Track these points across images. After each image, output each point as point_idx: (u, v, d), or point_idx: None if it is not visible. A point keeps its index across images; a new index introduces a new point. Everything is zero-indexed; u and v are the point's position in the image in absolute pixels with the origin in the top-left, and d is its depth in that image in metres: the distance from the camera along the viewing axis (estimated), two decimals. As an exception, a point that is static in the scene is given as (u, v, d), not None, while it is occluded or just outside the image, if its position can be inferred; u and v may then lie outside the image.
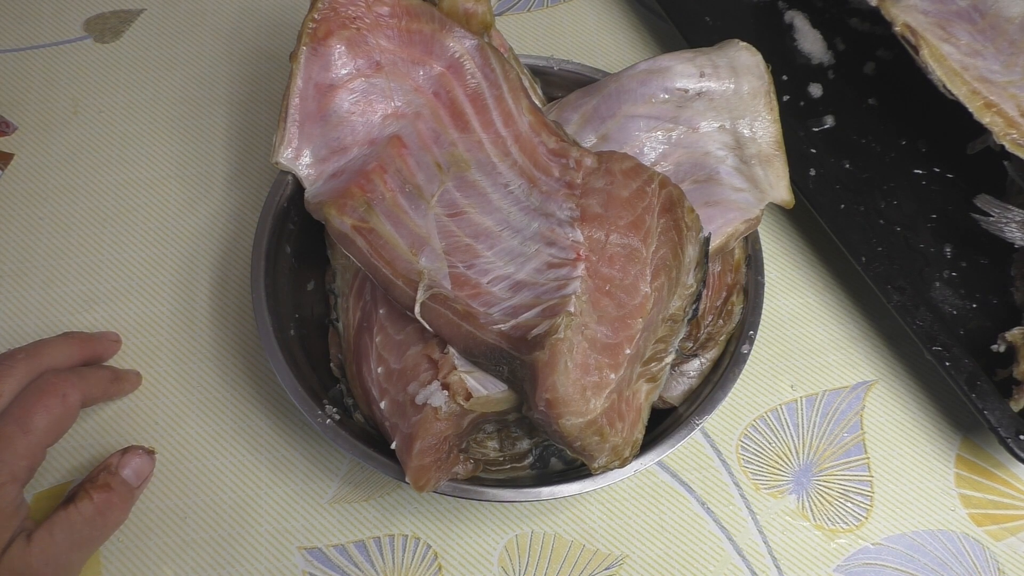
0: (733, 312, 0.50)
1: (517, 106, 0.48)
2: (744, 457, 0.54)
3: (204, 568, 0.50)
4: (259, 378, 0.55)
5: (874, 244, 0.55)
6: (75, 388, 0.46)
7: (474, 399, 0.42)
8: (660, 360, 0.45)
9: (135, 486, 0.48)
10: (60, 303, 0.57)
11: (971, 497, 0.53)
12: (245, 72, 0.65)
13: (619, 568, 0.51)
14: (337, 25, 0.48)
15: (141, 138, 0.63)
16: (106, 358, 0.54)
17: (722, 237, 0.48)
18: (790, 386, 0.56)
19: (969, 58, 0.56)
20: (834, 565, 0.51)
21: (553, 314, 0.40)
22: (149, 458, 0.49)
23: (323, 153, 0.48)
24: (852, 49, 0.66)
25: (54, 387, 0.45)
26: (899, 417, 0.55)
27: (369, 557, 0.50)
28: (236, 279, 0.58)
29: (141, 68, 0.65)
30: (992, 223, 0.55)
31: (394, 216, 0.45)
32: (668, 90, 0.50)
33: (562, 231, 0.44)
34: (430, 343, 0.43)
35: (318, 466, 0.52)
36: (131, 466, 0.48)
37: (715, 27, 0.64)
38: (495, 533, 0.51)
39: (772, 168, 0.50)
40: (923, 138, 0.62)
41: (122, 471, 0.47)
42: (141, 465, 0.48)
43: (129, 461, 0.48)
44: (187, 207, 0.60)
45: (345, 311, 0.49)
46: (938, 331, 0.52)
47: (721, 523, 0.52)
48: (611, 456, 0.42)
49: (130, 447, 0.49)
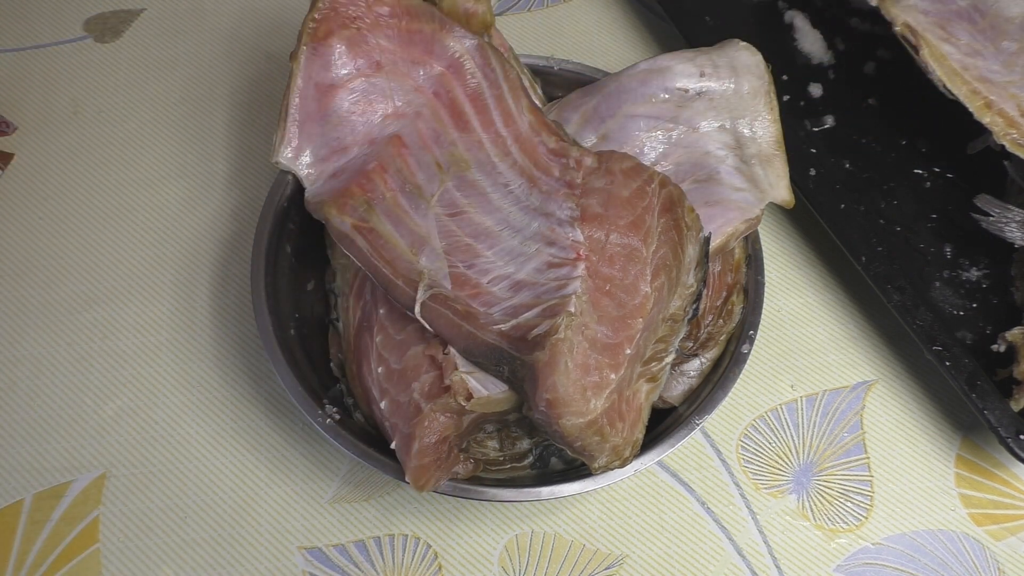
0: (733, 312, 0.50)
1: (517, 106, 0.48)
2: (744, 457, 0.54)
3: (204, 568, 0.50)
4: (259, 378, 0.55)
5: (874, 244, 0.55)
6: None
7: (475, 399, 0.42)
8: (660, 360, 0.45)
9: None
10: (60, 303, 0.57)
11: (971, 497, 0.53)
12: (245, 72, 0.65)
13: (619, 568, 0.51)
14: (337, 25, 0.48)
15: (141, 138, 0.63)
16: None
17: (722, 237, 0.48)
18: (790, 386, 0.56)
19: (969, 58, 0.56)
20: (834, 565, 0.51)
21: (553, 314, 0.40)
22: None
23: (323, 153, 0.48)
24: (852, 49, 0.66)
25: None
26: (899, 417, 0.55)
27: (369, 557, 0.50)
28: (236, 279, 0.58)
29: (141, 68, 0.65)
30: (992, 223, 0.55)
31: (394, 216, 0.45)
32: (668, 90, 0.50)
33: (562, 231, 0.44)
34: (432, 343, 0.43)
35: (318, 466, 0.52)
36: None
37: (715, 27, 0.64)
38: (495, 533, 0.51)
39: (772, 168, 0.50)
40: (923, 138, 0.62)
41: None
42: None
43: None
44: (187, 207, 0.60)
45: (345, 311, 0.49)
46: (938, 331, 0.52)
47: (721, 523, 0.52)
48: (611, 456, 0.42)
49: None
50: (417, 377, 0.43)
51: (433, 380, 0.43)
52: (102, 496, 0.51)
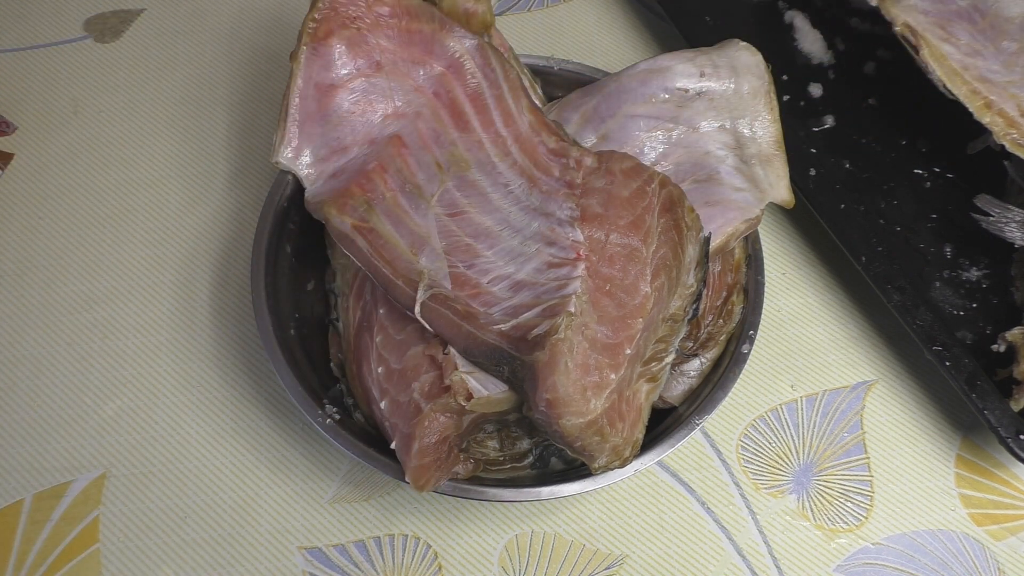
0: (733, 312, 0.50)
1: (517, 106, 0.48)
2: (744, 457, 0.54)
3: (204, 568, 0.50)
4: (259, 378, 0.55)
5: (874, 244, 0.55)
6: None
7: (475, 400, 0.42)
8: (660, 360, 0.45)
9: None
10: (60, 303, 0.57)
11: (971, 497, 0.53)
12: (245, 72, 0.65)
13: (619, 568, 0.51)
14: (337, 25, 0.48)
15: (141, 138, 0.63)
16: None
17: (722, 237, 0.48)
18: (790, 386, 0.56)
19: (969, 58, 0.56)
20: (834, 565, 0.51)
21: (553, 314, 0.40)
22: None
23: (323, 153, 0.48)
24: (852, 49, 0.66)
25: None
26: (899, 417, 0.55)
27: (369, 557, 0.50)
28: (236, 279, 0.58)
29: (141, 68, 0.65)
30: (992, 223, 0.55)
31: (394, 216, 0.45)
32: (668, 90, 0.50)
33: (562, 231, 0.44)
34: (432, 343, 0.43)
35: (318, 466, 0.52)
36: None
37: (715, 27, 0.64)
38: (495, 533, 0.51)
39: (772, 168, 0.50)
40: (923, 138, 0.62)
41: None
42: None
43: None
44: (187, 207, 0.60)
45: (345, 311, 0.49)
46: (938, 331, 0.52)
47: (721, 523, 0.52)
48: (611, 456, 0.42)
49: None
50: (417, 377, 0.43)
51: (433, 380, 0.43)
52: (102, 496, 0.51)
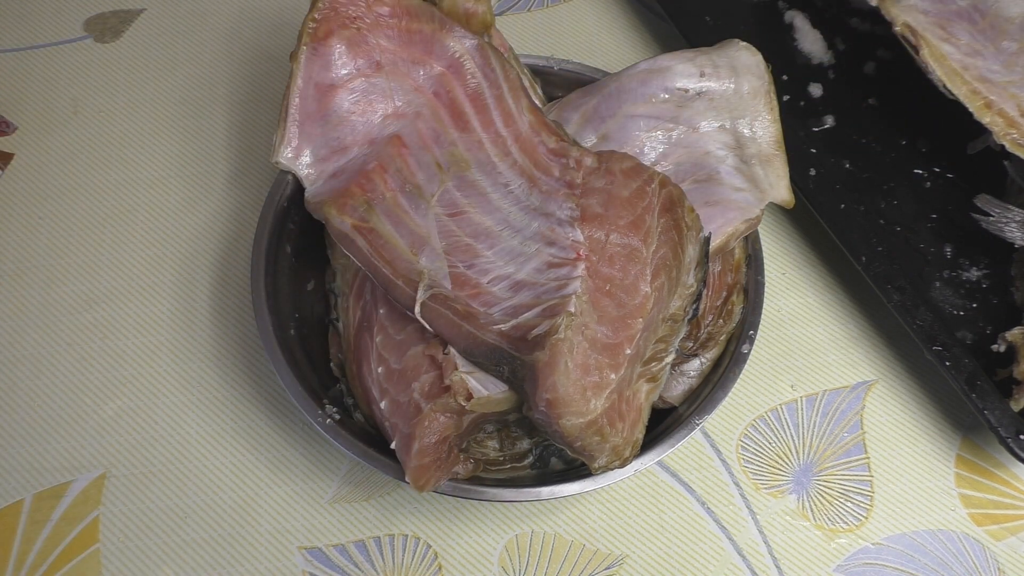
0: (733, 312, 0.50)
1: (517, 106, 0.48)
2: (744, 457, 0.54)
3: (204, 568, 0.50)
4: (259, 378, 0.55)
5: (874, 244, 0.55)
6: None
7: (475, 400, 0.42)
8: (660, 360, 0.45)
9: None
10: (60, 303, 0.57)
11: (971, 497, 0.53)
12: (245, 72, 0.65)
13: (619, 568, 0.51)
14: (337, 25, 0.48)
15: (141, 138, 0.63)
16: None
17: (722, 237, 0.48)
18: (790, 386, 0.56)
19: (969, 58, 0.56)
20: (834, 565, 0.51)
21: (553, 314, 0.40)
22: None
23: (323, 153, 0.48)
24: (852, 49, 0.66)
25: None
26: (899, 417, 0.55)
27: (369, 557, 0.50)
28: (236, 279, 0.58)
29: (141, 68, 0.65)
30: (992, 223, 0.55)
31: (394, 216, 0.45)
32: (668, 90, 0.50)
33: (562, 231, 0.44)
34: (432, 343, 0.43)
35: (318, 466, 0.52)
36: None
37: (715, 27, 0.64)
38: (495, 533, 0.51)
39: (772, 168, 0.50)
40: (923, 138, 0.62)
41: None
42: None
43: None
44: (187, 207, 0.60)
45: (345, 311, 0.49)
46: (938, 331, 0.52)
47: (721, 523, 0.52)
48: (611, 456, 0.42)
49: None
50: (417, 377, 0.43)
51: (433, 380, 0.43)
52: (102, 496, 0.51)
